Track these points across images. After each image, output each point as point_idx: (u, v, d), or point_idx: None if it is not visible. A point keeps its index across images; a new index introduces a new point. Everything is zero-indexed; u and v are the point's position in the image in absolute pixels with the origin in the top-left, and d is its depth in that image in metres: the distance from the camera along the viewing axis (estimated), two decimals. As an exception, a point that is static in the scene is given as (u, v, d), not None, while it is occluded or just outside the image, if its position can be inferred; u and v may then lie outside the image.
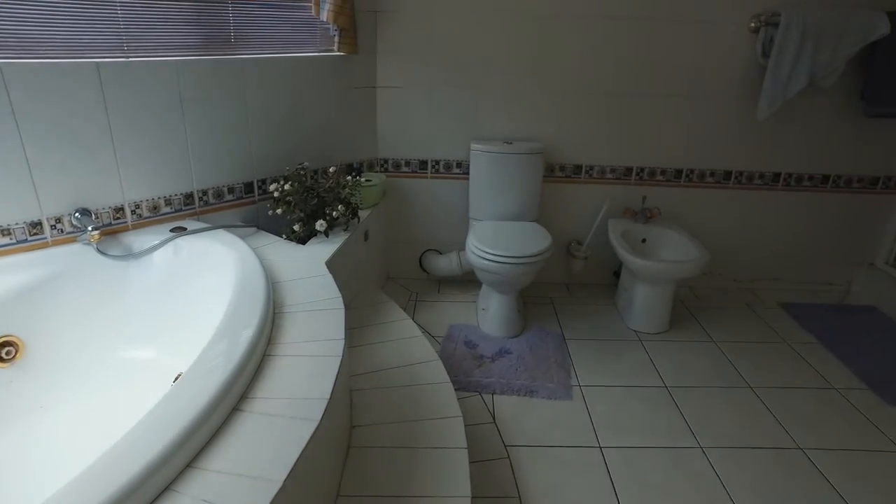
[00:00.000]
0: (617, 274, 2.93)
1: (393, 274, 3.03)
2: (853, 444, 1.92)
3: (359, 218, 2.32)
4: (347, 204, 2.22)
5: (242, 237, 2.02)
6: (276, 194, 2.13)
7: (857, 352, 2.48)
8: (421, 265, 2.99)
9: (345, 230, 2.23)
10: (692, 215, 2.93)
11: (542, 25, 2.56)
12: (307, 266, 1.88)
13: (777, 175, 2.87)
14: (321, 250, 2.03)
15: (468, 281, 2.92)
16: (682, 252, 2.53)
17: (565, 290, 3.01)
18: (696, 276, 2.46)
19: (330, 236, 2.15)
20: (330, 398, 1.21)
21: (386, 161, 2.80)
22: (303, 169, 2.21)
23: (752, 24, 2.55)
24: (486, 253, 2.23)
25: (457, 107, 2.69)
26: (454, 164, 2.80)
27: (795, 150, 2.81)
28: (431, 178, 2.83)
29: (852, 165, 2.85)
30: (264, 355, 1.35)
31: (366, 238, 2.46)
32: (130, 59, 1.80)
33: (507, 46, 2.59)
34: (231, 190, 2.16)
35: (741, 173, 2.86)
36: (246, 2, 2.08)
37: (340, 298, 1.64)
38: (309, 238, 2.15)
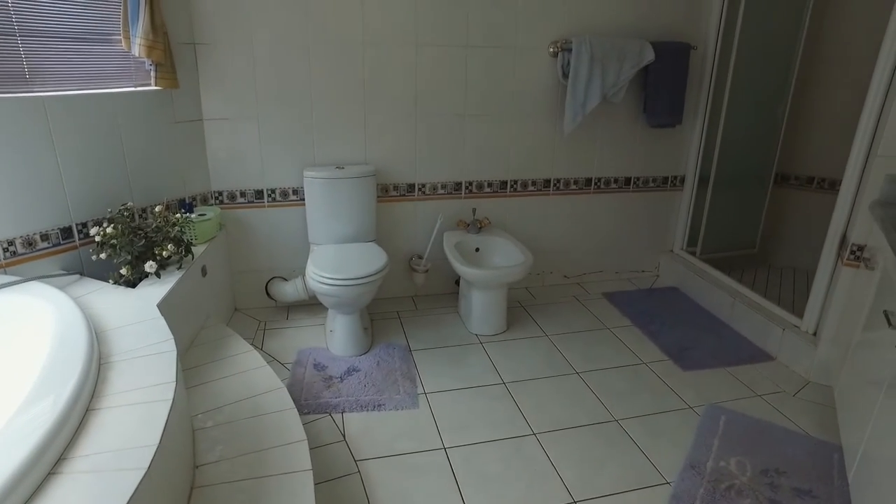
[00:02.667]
0: (458, 282, 3.12)
1: (240, 305, 2.99)
2: (655, 408, 2.24)
3: (193, 255, 2.28)
4: (179, 241, 2.18)
5: (63, 286, 1.92)
6: (97, 238, 2.04)
7: (662, 329, 2.88)
8: (268, 293, 2.98)
9: (179, 268, 2.19)
10: (520, 222, 3.22)
11: (366, 53, 2.68)
12: (137, 310, 1.83)
13: (589, 180, 3.25)
14: (153, 292, 1.98)
15: (315, 304, 2.96)
16: (510, 257, 2.77)
17: (411, 303, 3.16)
18: (524, 278, 2.70)
19: (162, 276, 2.10)
20: (160, 443, 1.22)
21: (220, 193, 2.76)
22: (126, 210, 2.13)
23: (551, 50, 2.88)
24: (324, 277, 2.29)
25: (288, 135, 2.73)
26: (290, 191, 2.83)
27: (600, 158, 3.21)
28: (269, 206, 2.83)
29: (647, 168, 3.31)
30: (88, 410, 1.31)
31: (203, 273, 2.41)
32: None
33: (332, 74, 2.68)
34: (45, 237, 2.03)
35: (559, 180, 3.20)
36: (39, 35, 1.96)
37: (172, 341, 1.63)
38: (140, 280, 2.08)
